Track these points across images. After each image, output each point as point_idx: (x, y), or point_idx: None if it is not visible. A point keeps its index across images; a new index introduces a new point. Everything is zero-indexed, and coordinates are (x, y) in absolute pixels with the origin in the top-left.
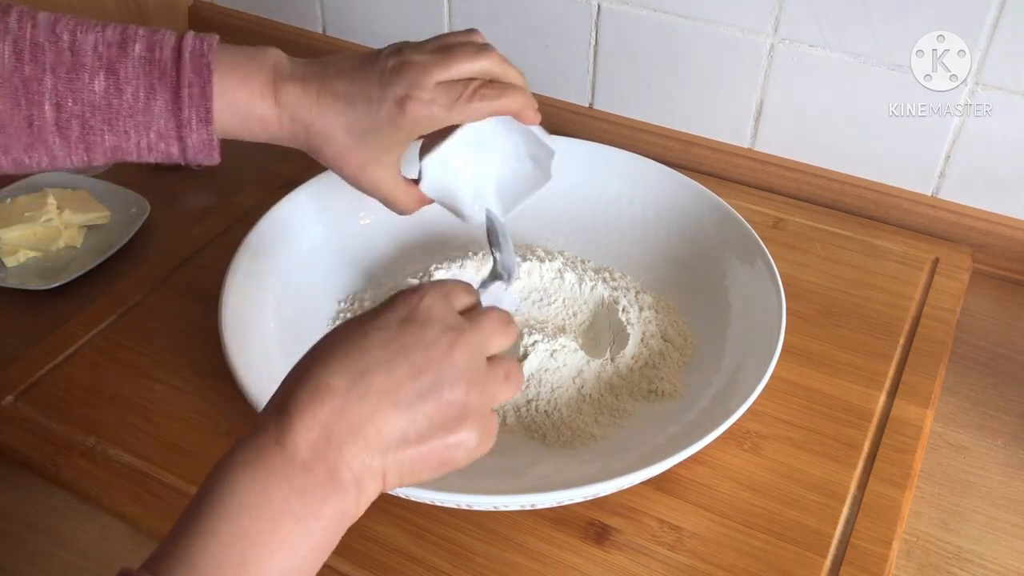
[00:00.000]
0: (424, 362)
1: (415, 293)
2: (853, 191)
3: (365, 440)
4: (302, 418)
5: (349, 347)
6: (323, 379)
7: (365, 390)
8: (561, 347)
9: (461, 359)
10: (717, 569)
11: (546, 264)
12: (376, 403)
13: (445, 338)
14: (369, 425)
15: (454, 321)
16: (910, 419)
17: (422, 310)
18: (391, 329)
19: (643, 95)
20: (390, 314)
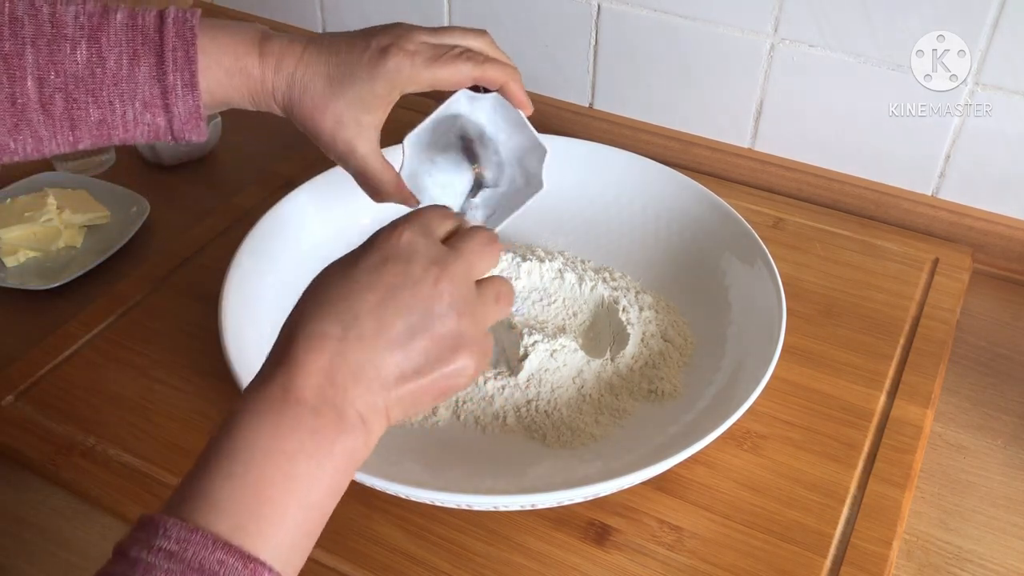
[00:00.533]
0: (412, 300)
1: (394, 230)
2: (853, 191)
3: (366, 381)
4: (304, 366)
5: (337, 293)
6: (317, 328)
7: (359, 334)
8: (561, 347)
9: (448, 291)
10: (717, 569)
11: (546, 264)
12: (371, 345)
13: (430, 273)
14: (368, 366)
15: (437, 253)
16: (910, 419)
17: (403, 247)
18: (375, 270)
19: (643, 95)
20: (372, 254)
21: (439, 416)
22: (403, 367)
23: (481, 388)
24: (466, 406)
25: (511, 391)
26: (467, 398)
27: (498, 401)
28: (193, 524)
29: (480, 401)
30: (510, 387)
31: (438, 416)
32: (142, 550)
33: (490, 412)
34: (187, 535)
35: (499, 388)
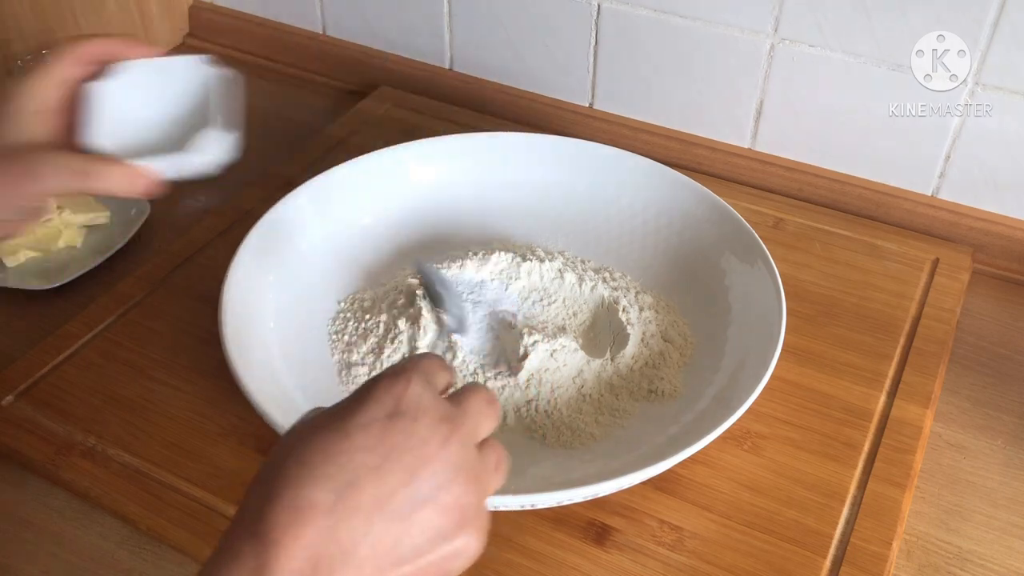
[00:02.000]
0: (418, 463)
1: (398, 381)
2: (853, 191)
3: (358, 563)
4: (284, 545)
5: (328, 452)
6: (304, 494)
7: (355, 505)
8: (561, 347)
9: (456, 454)
10: (717, 569)
11: (546, 264)
12: (368, 518)
13: (438, 433)
14: (362, 545)
15: (445, 411)
16: (910, 419)
17: (409, 401)
18: (376, 427)
19: (643, 95)
20: (371, 407)
21: None
22: (401, 545)
23: None
24: None
25: (511, 391)
26: None
27: None
28: None
29: None
30: (510, 387)
31: None
32: None
33: None
34: None
35: (499, 388)
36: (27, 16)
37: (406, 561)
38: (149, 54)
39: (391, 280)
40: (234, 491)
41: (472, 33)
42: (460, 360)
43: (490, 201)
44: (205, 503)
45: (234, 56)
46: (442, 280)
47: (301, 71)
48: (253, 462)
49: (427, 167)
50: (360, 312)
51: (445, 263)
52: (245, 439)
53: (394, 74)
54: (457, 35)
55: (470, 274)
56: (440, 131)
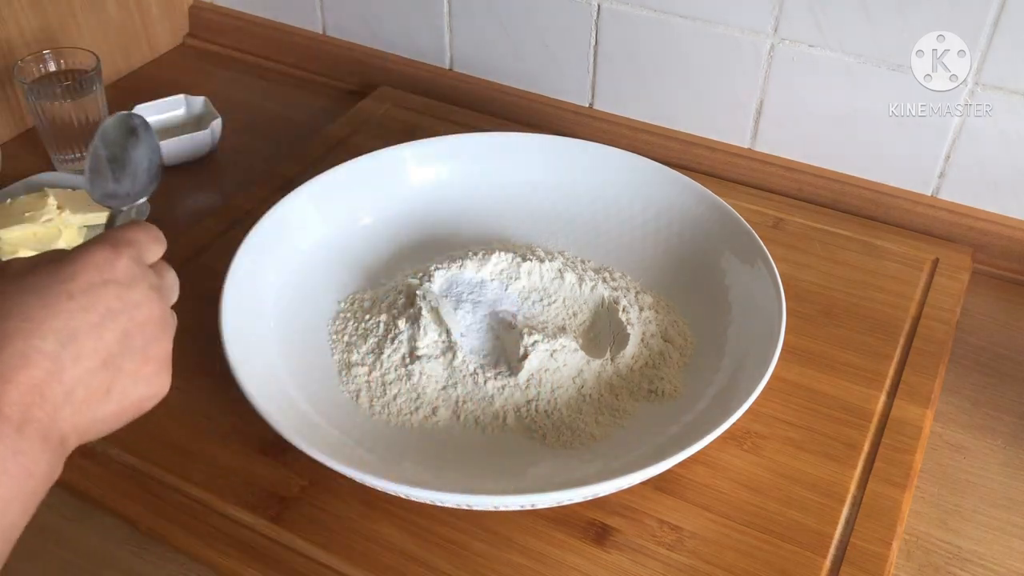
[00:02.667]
0: (131, 324)
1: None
2: (853, 191)
3: (76, 403)
4: (13, 382)
5: (53, 309)
6: (33, 344)
7: (76, 354)
8: (561, 347)
9: (160, 317)
10: (717, 569)
11: (546, 264)
12: (86, 366)
13: (148, 299)
14: (80, 387)
15: (152, 281)
16: (910, 419)
17: (123, 271)
18: (94, 291)
19: (643, 95)
20: (91, 272)
21: (439, 416)
22: (112, 390)
23: (481, 388)
24: (466, 406)
25: (511, 391)
26: (467, 398)
27: (498, 401)
28: None
29: (480, 401)
30: (510, 387)
31: (438, 416)
32: None
33: (490, 412)
34: None
35: (499, 388)
36: (27, 16)
37: (114, 401)
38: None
39: (391, 280)
40: (234, 491)
41: (472, 33)
42: (460, 360)
43: (490, 201)
44: (205, 503)
45: (234, 56)
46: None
47: (301, 71)
48: (253, 462)
49: (427, 167)
50: (360, 312)
51: (445, 263)
52: (245, 439)
53: (394, 74)
54: (457, 35)
55: (470, 274)
56: (440, 131)
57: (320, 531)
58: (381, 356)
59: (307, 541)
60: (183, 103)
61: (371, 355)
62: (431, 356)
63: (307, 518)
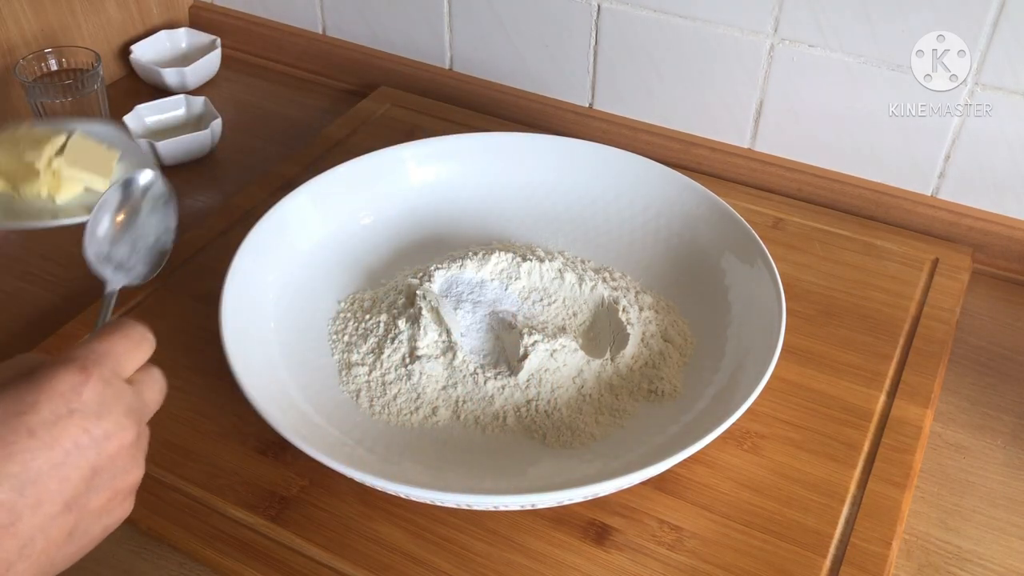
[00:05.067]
0: (100, 459)
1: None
2: (853, 191)
3: (35, 555)
4: None
5: (10, 450)
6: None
7: (36, 501)
8: (561, 347)
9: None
10: (717, 569)
11: (546, 264)
12: (47, 512)
13: (122, 428)
14: (39, 537)
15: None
16: (910, 419)
17: (90, 398)
18: (59, 425)
19: (643, 95)
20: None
21: (439, 416)
22: (75, 530)
23: (481, 388)
24: (466, 406)
25: (511, 391)
26: (467, 398)
27: (498, 401)
28: None
29: (480, 401)
30: (510, 387)
31: (438, 416)
32: None
33: (490, 412)
34: None
35: (499, 388)
36: (27, 16)
37: (74, 543)
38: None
39: (391, 280)
40: (234, 491)
41: (472, 33)
42: (460, 360)
43: (490, 201)
44: (205, 503)
45: (234, 56)
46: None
47: (301, 71)
48: (253, 462)
49: (427, 167)
50: (360, 312)
51: (445, 263)
52: (245, 439)
53: (394, 74)
54: (457, 35)
55: (470, 274)
56: (440, 131)
57: (320, 531)
58: (381, 356)
59: (307, 541)
60: (183, 103)
61: (371, 355)
62: (431, 356)
63: (307, 518)
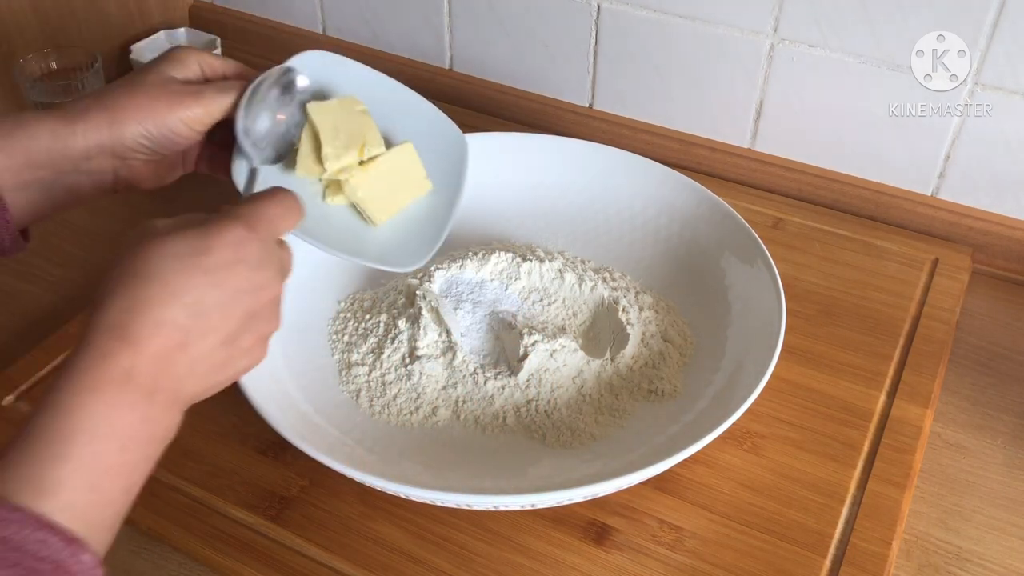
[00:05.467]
0: (254, 305)
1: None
2: (853, 191)
3: (199, 374)
4: (147, 352)
5: (184, 280)
6: (166, 314)
7: (204, 330)
8: (561, 347)
9: (279, 295)
10: (717, 569)
11: (546, 264)
12: (211, 341)
13: (274, 282)
14: (204, 361)
15: (279, 263)
16: (910, 419)
17: (254, 252)
18: (225, 269)
19: (643, 95)
20: (224, 251)
21: (439, 416)
22: (228, 364)
23: (481, 388)
24: (466, 406)
25: (511, 391)
26: (467, 398)
27: (498, 401)
28: (15, 503)
29: (480, 401)
30: (510, 387)
31: (438, 416)
32: None
33: (490, 412)
34: (7, 514)
35: (499, 388)
36: (27, 16)
37: (226, 373)
38: None
39: (391, 280)
40: (234, 491)
41: (472, 33)
42: (460, 360)
43: (490, 201)
44: (205, 503)
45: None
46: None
47: None
48: (253, 462)
49: None
50: (360, 312)
51: (445, 263)
52: (245, 439)
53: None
54: (457, 35)
55: (470, 274)
56: None
57: (320, 531)
58: (381, 356)
59: (307, 541)
60: None
61: (371, 355)
62: (431, 356)
63: (307, 518)
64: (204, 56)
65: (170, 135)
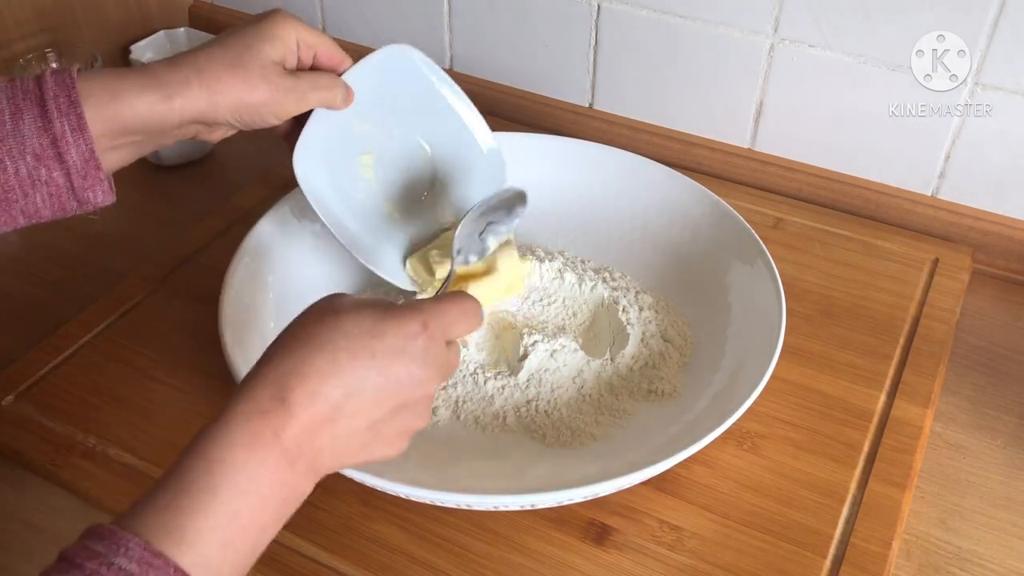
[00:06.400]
0: (409, 398)
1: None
2: (853, 191)
3: (341, 452)
4: (299, 419)
5: (350, 358)
6: (323, 387)
7: (355, 410)
8: (561, 347)
9: (432, 395)
10: (717, 569)
11: (546, 264)
12: (359, 424)
13: (433, 381)
14: (348, 440)
15: (444, 363)
16: (910, 419)
17: (420, 347)
18: (390, 356)
19: (643, 95)
20: (395, 338)
21: (439, 416)
22: (367, 445)
23: (481, 388)
24: (466, 406)
25: (511, 391)
26: (467, 398)
27: (498, 401)
28: (157, 548)
29: (480, 401)
30: (510, 387)
31: (438, 416)
32: (97, 563)
33: (490, 412)
34: (150, 559)
35: (499, 388)
36: (28, 16)
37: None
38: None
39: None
40: None
41: (472, 33)
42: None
43: None
44: None
45: None
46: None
47: None
48: None
49: None
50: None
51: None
52: None
53: None
54: (457, 35)
55: None
56: None
57: (320, 531)
58: None
59: (307, 541)
60: None
61: None
62: None
63: (307, 518)
64: (301, 30)
65: (259, 120)
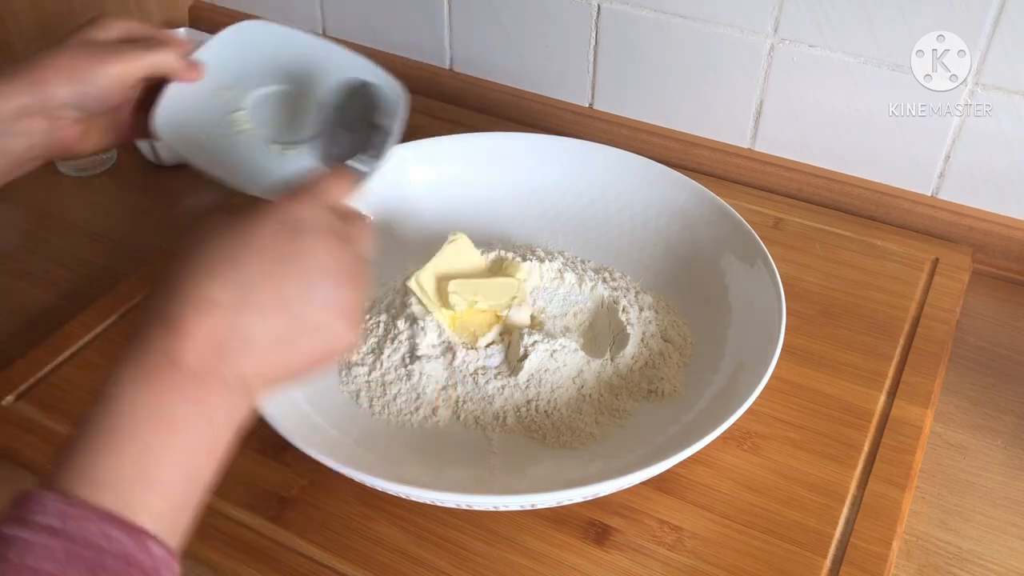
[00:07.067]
0: (310, 271)
1: (293, 200)
2: (853, 191)
3: (253, 349)
4: (191, 333)
5: (227, 257)
6: (207, 292)
7: (252, 300)
8: (561, 347)
9: (344, 263)
10: (717, 569)
11: (546, 264)
12: (262, 312)
13: (331, 247)
14: (258, 335)
15: (334, 228)
16: (910, 419)
17: (303, 218)
18: (272, 237)
19: (643, 95)
20: (269, 222)
21: (439, 416)
22: (297, 340)
23: (481, 388)
24: (466, 406)
25: (511, 391)
26: (467, 398)
27: (498, 401)
28: (74, 498)
29: (480, 401)
30: (510, 387)
31: (438, 416)
32: (19, 527)
33: (490, 412)
34: (68, 509)
35: (499, 388)
36: (27, 16)
37: (300, 352)
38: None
39: (391, 280)
40: (234, 491)
41: (472, 33)
42: (460, 360)
43: (490, 201)
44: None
45: None
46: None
47: None
48: (253, 462)
49: (427, 167)
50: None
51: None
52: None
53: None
54: (457, 35)
55: None
56: (440, 131)
57: (320, 531)
58: (381, 356)
59: (307, 541)
60: None
61: (371, 355)
62: (431, 356)
63: (307, 518)
64: (128, 22)
65: (94, 92)
